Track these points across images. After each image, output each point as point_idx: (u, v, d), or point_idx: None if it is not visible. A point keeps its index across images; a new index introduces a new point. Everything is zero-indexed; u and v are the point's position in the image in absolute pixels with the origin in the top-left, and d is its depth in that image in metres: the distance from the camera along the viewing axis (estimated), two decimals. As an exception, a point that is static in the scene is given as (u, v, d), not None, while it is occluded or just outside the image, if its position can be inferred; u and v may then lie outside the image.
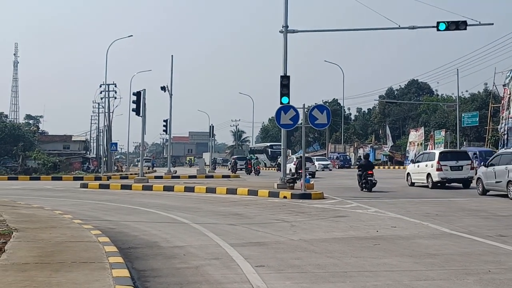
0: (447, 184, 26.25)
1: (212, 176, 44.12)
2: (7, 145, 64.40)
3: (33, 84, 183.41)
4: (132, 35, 59.08)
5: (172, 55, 50.51)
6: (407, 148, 68.44)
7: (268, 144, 79.84)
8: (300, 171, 50.08)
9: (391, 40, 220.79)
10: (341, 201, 19.61)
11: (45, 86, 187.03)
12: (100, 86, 66.12)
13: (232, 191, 23.85)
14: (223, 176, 44.12)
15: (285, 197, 20.97)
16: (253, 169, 51.90)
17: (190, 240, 10.95)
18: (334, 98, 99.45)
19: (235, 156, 56.99)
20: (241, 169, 56.21)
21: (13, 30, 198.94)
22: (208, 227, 12.69)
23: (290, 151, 78.70)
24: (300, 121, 23.51)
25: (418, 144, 64.78)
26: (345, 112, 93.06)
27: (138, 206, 18.19)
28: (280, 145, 28.43)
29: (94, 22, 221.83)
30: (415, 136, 66.27)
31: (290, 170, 56.92)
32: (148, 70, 71.56)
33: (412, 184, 28.02)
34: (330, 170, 57.43)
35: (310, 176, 45.85)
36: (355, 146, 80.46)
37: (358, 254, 9.20)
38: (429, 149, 53.90)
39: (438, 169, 25.81)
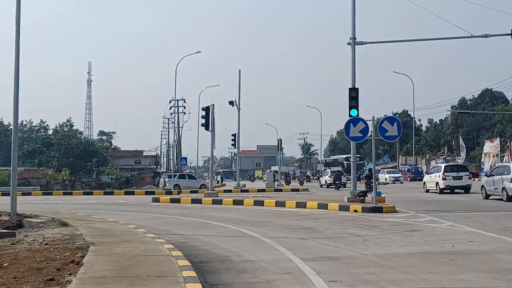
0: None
1: (281, 190, 44.09)
2: (82, 161, 66.61)
3: (106, 102, 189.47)
4: (200, 51, 59.81)
5: (239, 70, 51.07)
6: (482, 160, 66.28)
7: (344, 156, 78.96)
8: (337, 182, 49.36)
9: (461, 48, 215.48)
10: (414, 214, 19.16)
11: (117, 103, 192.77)
12: (170, 102, 67.70)
13: (301, 205, 23.73)
14: (292, 190, 44.00)
15: (355, 211, 20.68)
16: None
17: (261, 254, 10.93)
18: (404, 109, 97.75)
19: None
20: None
21: (86, 49, 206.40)
22: (278, 241, 12.64)
23: (365, 162, 77.81)
24: (369, 134, 23.19)
25: (493, 156, 62.59)
26: (416, 123, 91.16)
27: (209, 220, 18.35)
28: (357, 157, 28.16)
29: (164, 39, 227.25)
30: (490, 147, 64.09)
31: (326, 181, 55.82)
32: (216, 85, 72.68)
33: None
34: (402, 182, 56.35)
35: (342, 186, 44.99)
36: (427, 158, 78.67)
37: (433, 270, 8.92)
38: (506, 161, 52.02)
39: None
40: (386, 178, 57.27)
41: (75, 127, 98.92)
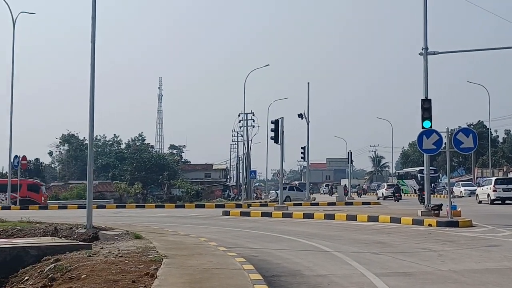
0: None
1: (351, 203, 43.55)
2: (154, 174, 67.97)
3: (176, 115, 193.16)
4: (268, 65, 60.10)
5: (308, 83, 50.89)
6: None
7: (418, 169, 77.25)
8: (397, 195, 50.28)
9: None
10: (492, 229, 18.46)
11: (187, 117, 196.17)
12: (239, 116, 68.20)
13: (373, 219, 23.31)
14: (363, 203, 43.37)
15: (430, 225, 20.12)
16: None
17: (333, 269, 10.76)
18: (479, 120, 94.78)
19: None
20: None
21: (157, 65, 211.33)
22: (350, 256, 12.42)
23: (439, 174, 75.92)
24: (443, 146, 22.57)
25: None
26: (492, 134, 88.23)
27: (279, 234, 18.27)
28: (432, 169, 27.51)
29: (233, 53, 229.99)
30: None
31: (382, 194, 57.72)
32: (285, 98, 72.79)
33: None
34: (477, 196, 54.54)
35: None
36: (505, 170, 75.86)
37: (516, 287, 8.53)
38: None
39: None
40: (461, 191, 55.87)
41: (147, 141, 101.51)
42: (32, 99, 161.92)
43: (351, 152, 59.55)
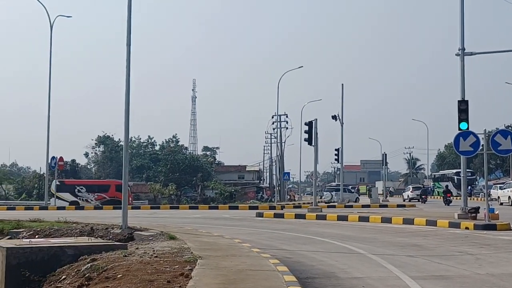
0: None
1: (386, 206, 43.15)
2: (187, 176, 68.37)
3: (210, 117, 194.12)
4: (302, 66, 60.04)
5: (342, 84, 50.71)
6: None
7: (454, 171, 76.20)
8: (423, 196, 50.69)
9: None
10: (531, 232, 18.09)
11: (220, 118, 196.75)
12: (272, 117, 68.22)
13: (408, 221, 23.04)
14: (398, 206, 42.94)
15: (467, 228, 19.80)
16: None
17: (368, 272, 10.67)
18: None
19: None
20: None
21: (191, 67, 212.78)
22: (385, 258, 12.29)
23: (476, 176, 74.78)
24: (481, 148, 22.19)
25: None
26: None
27: (313, 236, 18.20)
28: (468, 172, 27.11)
29: (266, 55, 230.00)
30: None
31: (408, 196, 58.03)
32: (318, 99, 72.55)
33: None
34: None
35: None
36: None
37: (557, 292, 8.33)
38: None
39: None
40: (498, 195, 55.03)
41: (181, 142, 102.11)
42: (70, 101, 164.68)
43: (385, 154, 59.10)
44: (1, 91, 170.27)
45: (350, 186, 67.06)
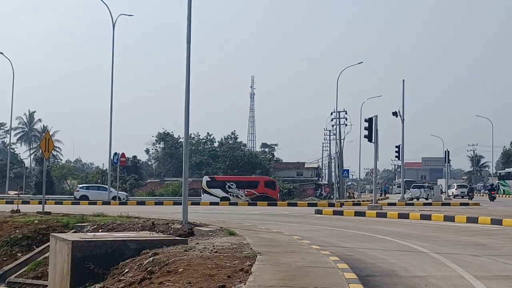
0: None
1: (449, 204, 42.19)
2: (246, 172, 68.71)
3: (268, 114, 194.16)
4: (362, 62, 59.34)
5: (403, 80, 49.84)
6: None
7: None
8: (470, 194, 50.20)
9: None
10: None
11: (279, 115, 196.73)
12: (331, 114, 67.74)
13: (472, 220, 22.44)
14: (461, 204, 41.92)
15: (534, 227, 19.16)
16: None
17: (431, 270, 10.44)
18: None
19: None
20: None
21: (250, 64, 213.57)
22: (448, 257, 12.01)
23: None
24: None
25: None
26: None
27: (373, 233, 17.97)
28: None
29: (324, 51, 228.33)
30: None
31: (453, 193, 57.84)
32: (379, 96, 71.72)
33: None
34: None
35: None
36: None
37: None
38: None
39: None
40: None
41: (239, 139, 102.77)
42: (131, 100, 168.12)
43: (448, 151, 57.62)
44: (67, 92, 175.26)
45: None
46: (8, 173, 61.88)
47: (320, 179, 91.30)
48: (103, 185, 52.47)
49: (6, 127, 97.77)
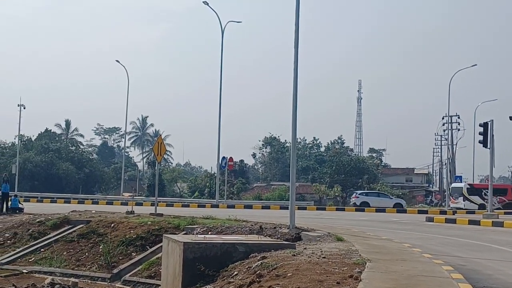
0: None
1: None
2: (353, 178, 67.87)
3: (375, 118, 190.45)
4: (476, 65, 56.90)
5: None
6: None
7: None
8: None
9: None
10: None
11: (387, 121, 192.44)
12: (443, 118, 65.51)
13: None
14: None
15: None
16: None
17: (555, 285, 9.79)
18: None
19: None
20: None
21: (356, 67, 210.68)
22: None
23: None
24: None
25: None
26: None
27: (489, 243, 17.16)
28: None
29: (435, 55, 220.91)
30: None
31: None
32: (494, 99, 68.45)
33: None
34: None
35: None
36: None
37: None
38: None
39: None
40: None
41: (346, 144, 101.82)
42: (239, 105, 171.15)
43: None
44: (178, 98, 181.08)
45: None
46: (123, 175, 64.72)
47: (430, 185, 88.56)
48: (383, 192, 54.65)
49: (121, 131, 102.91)
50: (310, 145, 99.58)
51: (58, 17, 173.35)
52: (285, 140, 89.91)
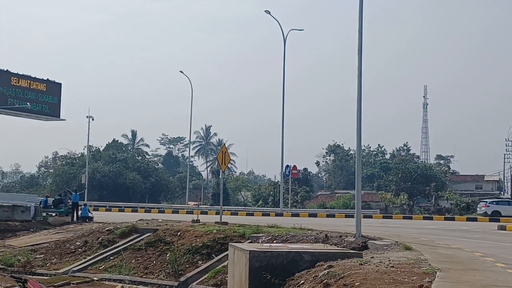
0: None
1: None
2: (420, 185, 66.50)
3: (443, 124, 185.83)
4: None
5: None
6: None
7: None
8: None
9: None
10: None
11: (455, 127, 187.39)
12: (513, 123, 63.46)
13: None
14: None
15: None
16: None
17: None
18: None
19: None
20: None
21: (421, 72, 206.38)
22: None
23: None
24: None
25: None
26: None
27: None
28: None
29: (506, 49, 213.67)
30: None
31: None
32: None
33: None
34: None
35: None
36: None
37: None
38: None
39: None
40: None
41: (412, 151, 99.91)
42: (302, 113, 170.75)
43: None
44: (240, 107, 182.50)
45: None
46: (187, 184, 65.58)
47: (501, 192, 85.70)
48: None
49: (185, 141, 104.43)
50: (375, 152, 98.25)
51: (123, 30, 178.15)
52: (349, 148, 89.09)
